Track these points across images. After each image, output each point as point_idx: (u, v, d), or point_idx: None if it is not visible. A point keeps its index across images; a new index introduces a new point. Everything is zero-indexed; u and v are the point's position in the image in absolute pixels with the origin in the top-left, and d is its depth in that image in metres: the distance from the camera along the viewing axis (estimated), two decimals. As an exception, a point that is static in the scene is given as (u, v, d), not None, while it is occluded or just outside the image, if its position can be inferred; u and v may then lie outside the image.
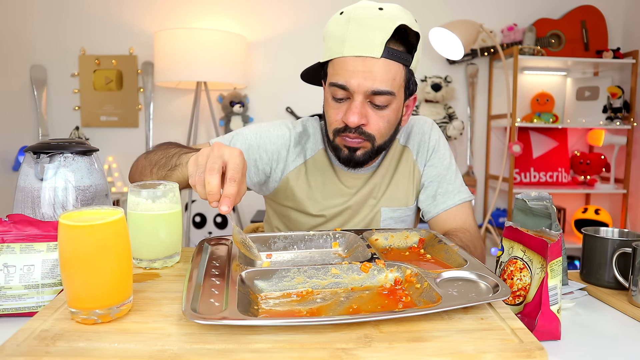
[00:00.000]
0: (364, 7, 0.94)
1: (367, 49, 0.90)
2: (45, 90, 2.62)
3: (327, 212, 1.10)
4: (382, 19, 0.91)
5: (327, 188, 1.10)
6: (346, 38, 0.92)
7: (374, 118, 0.96)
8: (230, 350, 0.50)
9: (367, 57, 0.91)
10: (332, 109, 0.99)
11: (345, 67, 0.93)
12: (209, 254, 0.77)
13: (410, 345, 0.52)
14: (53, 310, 0.60)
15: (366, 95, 0.93)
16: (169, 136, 2.69)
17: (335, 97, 0.97)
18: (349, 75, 0.92)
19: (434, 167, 1.12)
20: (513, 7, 2.72)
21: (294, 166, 1.09)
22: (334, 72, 0.96)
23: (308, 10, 2.66)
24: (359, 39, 0.91)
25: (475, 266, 0.69)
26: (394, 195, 1.11)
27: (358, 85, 0.92)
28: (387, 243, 0.89)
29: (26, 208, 0.84)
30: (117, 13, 2.62)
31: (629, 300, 0.79)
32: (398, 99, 0.97)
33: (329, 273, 0.69)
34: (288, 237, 0.88)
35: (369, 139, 0.98)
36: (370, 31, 0.90)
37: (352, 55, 0.92)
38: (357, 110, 0.93)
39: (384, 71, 0.92)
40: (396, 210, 1.11)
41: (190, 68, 2.27)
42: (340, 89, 0.95)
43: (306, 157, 1.10)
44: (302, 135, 1.12)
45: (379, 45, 0.90)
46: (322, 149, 1.11)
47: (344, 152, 1.00)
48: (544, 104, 2.71)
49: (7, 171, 2.41)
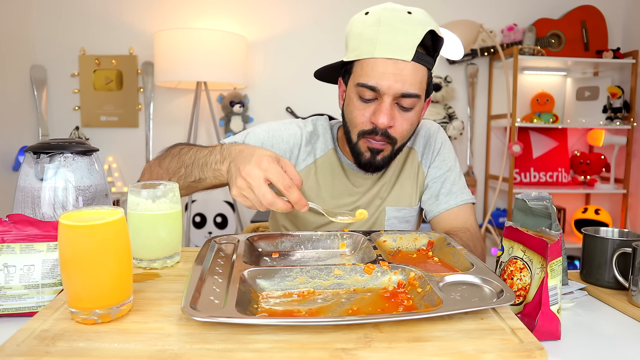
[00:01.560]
0: (394, 9, 0.94)
1: (399, 52, 0.91)
2: (45, 90, 2.62)
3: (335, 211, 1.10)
4: (412, 23, 0.92)
5: (336, 188, 1.11)
6: (378, 39, 0.92)
7: (399, 120, 0.97)
8: (230, 350, 0.50)
9: (399, 60, 0.92)
10: (358, 109, 0.98)
11: (376, 69, 0.93)
12: (215, 252, 0.77)
13: (410, 345, 0.52)
14: (53, 310, 0.60)
15: (395, 97, 0.94)
16: (169, 136, 2.69)
17: (362, 98, 0.97)
18: (380, 76, 0.93)
19: (438, 168, 1.13)
20: (513, 7, 2.72)
21: (304, 165, 1.10)
22: (363, 72, 0.95)
23: (308, 10, 2.66)
24: (391, 42, 0.91)
25: (481, 270, 0.69)
26: (399, 195, 1.12)
27: (389, 87, 0.93)
28: (396, 245, 0.89)
29: (26, 208, 0.84)
30: (117, 13, 2.62)
31: (629, 300, 0.79)
32: (421, 102, 0.98)
33: (331, 274, 0.69)
34: (295, 237, 0.88)
35: (391, 142, 0.99)
36: (401, 34, 0.91)
37: (383, 57, 0.92)
38: (387, 111, 0.94)
39: (413, 74, 0.93)
40: (400, 210, 1.12)
41: (190, 68, 2.27)
42: (369, 90, 0.94)
43: (316, 156, 1.11)
44: (312, 134, 1.12)
45: (410, 49, 0.91)
46: (332, 148, 1.12)
47: (366, 155, 1.00)
48: (544, 104, 2.71)
49: (7, 171, 2.41)
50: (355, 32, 0.97)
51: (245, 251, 0.80)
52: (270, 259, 0.85)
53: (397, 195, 1.12)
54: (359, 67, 0.97)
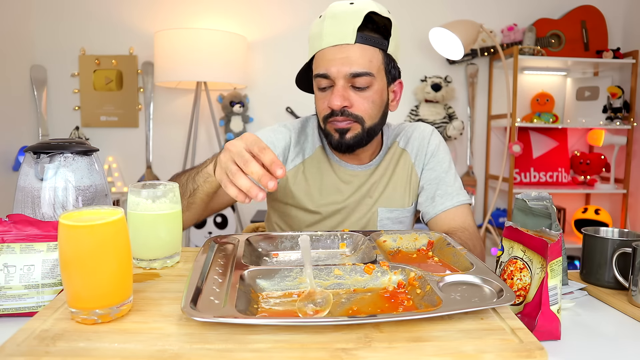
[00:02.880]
0: (337, 4, 1.03)
1: (341, 38, 0.99)
2: (45, 90, 2.62)
3: (324, 209, 1.12)
4: (353, 10, 0.99)
5: (324, 185, 1.13)
6: (323, 33, 1.01)
7: (357, 100, 1.02)
8: (230, 350, 0.50)
9: (343, 45, 0.99)
10: (319, 99, 1.06)
11: (325, 58, 1.01)
12: (215, 252, 0.77)
13: (410, 345, 0.52)
14: (53, 310, 0.60)
15: (346, 79, 1.00)
16: (169, 136, 2.69)
17: (320, 88, 1.04)
18: (328, 63, 1.00)
19: (433, 170, 1.14)
20: (513, 7, 2.72)
21: (293, 165, 1.13)
22: (316, 65, 1.04)
23: (308, 10, 2.66)
24: (334, 31, 1.00)
25: (481, 270, 0.69)
26: (391, 196, 1.13)
27: (337, 71, 1.00)
28: (396, 245, 0.89)
29: (26, 208, 0.84)
30: (117, 13, 2.62)
31: (629, 300, 0.79)
32: (379, 81, 1.03)
33: (331, 274, 0.69)
34: (295, 237, 0.88)
35: (357, 120, 1.03)
36: (343, 22, 0.99)
37: (329, 46, 1.00)
38: (339, 93, 1.00)
39: (359, 55, 0.99)
40: (393, 211, 1.13)
41: (190, 68, 2.27)
42: (323, 79, 1.02)
43: (305, 156, 1.14)
44: (300, 135, 1.17)
45: (351, 33, 0.98)
46: (319, 146, 1.15)
47: (335, 136, 1.05)
48: (544, 104, 2.71)
49: (7, 171, 2.41)
50: (310, 34, 1.07)
51: (245, 251, 0.80)
52: (270, 259, 0.85)
53: (389, 196, 1.13)
54: (314, 62, 1.05)
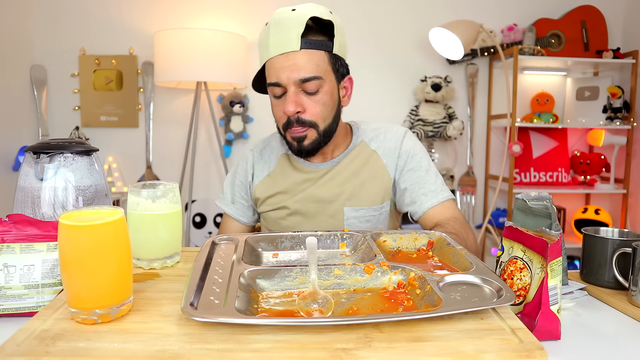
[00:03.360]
0: (280, 12, 1.05)
1: (287, 45, 1.02)
2: (45, 90, 2.62)
3: (293, 206, 1.16)
4: (294, 16, 1.02)
5: (291, 184, 1.17)
6: (269, 42, 1.04)
7: (309, 104, 1.05)
8: (230, 350, 0.50)
9: (289, 52, 1.02)
10: (275, 106, 1.10)
11: (274, 66, 1.04)
12: (215, 253, 0.77)
13: (410, 345, 0.52)
14: (53, 310, 0.60)
15: (297, 84, 1.04)
16: (169, 136, 2.69)
17: (275, 96, 1.08)
18: (278, 72, 1.03)
19: (414, 171, 1.16)
20: (513, 7, 2.72)
21: (258, 180, 1.22)
22: (267, 74, 1.07)
23: (308, 10, 2.66)
24: (279, 39, 1.03)
25: (481, 270, 0.69)
26: (357, 195, 1.15)
27: (287, 78, 1.03)
28: (396, 245, 0.89)
29: (26, 208, 0.84)
30: (117, 13, 2.62)
31: (629, 300, 0.79)
32: (328, 83, 1.07)
33: (331, 274, 0.69)
34: (295, 237, 0.88)
35: (312, 126, 1.07)
36: (286, 30, 1.02)
37: (276, 55, 1.03)
38: (291, 99, 1.04)
39: (305, 60, 1.03)
40: (359, 210, 1.15)
41: (190, 68, 2.27)
42: (275, 87, 1.06)
43: (270, 169, 1.21)
44: (264, 151, 1.24)
45: (295, 40, 1.01)
46: (282, 154, 1.21)
47: (294, 144, 1.10)
48: (544, 104, 2.71)
49: (7, 171, 2.41)
50: (258, 42, 1.10)
51: (245, 251, 0.80)
52: (270, 259, 0.85)
53: (356, 195, 1.15)
54: (266, 71, 1.08)
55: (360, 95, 2.73)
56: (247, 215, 1.25)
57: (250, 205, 1.25)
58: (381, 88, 2.72)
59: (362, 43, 2.68)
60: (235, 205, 1.24)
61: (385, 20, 2.69)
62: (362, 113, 2.69)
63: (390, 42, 2.70)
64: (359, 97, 2.75)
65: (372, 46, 2.69)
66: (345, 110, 1.22)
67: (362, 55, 2.68)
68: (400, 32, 2.70)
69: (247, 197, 1.24)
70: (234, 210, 1.24)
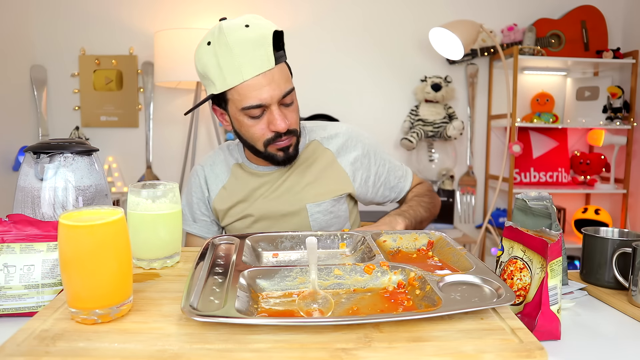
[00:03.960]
0: (232, 29, 1.00)
1: (264, 65, 0.99)
2: (45, 90, 2.62)
3: (257, 212, 1.16)
4: (257, 34, 1.00)
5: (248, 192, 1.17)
6: (240, 64, 0.98)
7: (289, 115, 1.06)
8: (230, 350, 0.50)
9: (267, 71, 1.00)
10: (253, 127, 1.05)
11: (252, 88, 1.00)
12: (214, 253, 0.77)
13: (410, 345, 0.52)
14: (53, 310, 0.60)
15: (278, 101, 1.03)
16: (169, 136, 2.69)
17: (252, 117, 1.04)
18: (259, 93, 1.00)
19: (381, 166, 1.23)
20: (513, 7, 2.72)
21: (215, 195, 1.20)
22: (242, 97, 1.01)
23: (308, 10, 2.66)
24: (252, 60, 0.99)
25: (481, 270, 0.69)
26: (316, 190, 1.16)
27: (271, 97, 1.01)
28: (396, 245, 0.89)
29: (26, 208, 0.84)
30: (117, 13, 2.62)
31: (629, 300, 0.79)
32: (294, 90, 1.09)
33: (331, 274, 0.69)
34: (295, 237, 0.88)
35: (293, 134, 1.09)
36: (256, 49, 0.99)
37: (253, 76, 0.99)
38: (280, 116, 1.03)
39: (281, 75, 1.02)
40: (321, 204, 1.16)
41: (190, 68, 2.27)
42: (255, 109, 1.02)
43: (224, 181, 1.20)
44: (213, 166, 1.22)
45: (269, 57, 1.00)
46: (234, 164, 1.20)
47: (279, 155, 1.09)
48: (544, 104, 2.71)
49: (7, 171, 2.41)
50: (211, 64, 1.02)
51: (245, 251, 0.80)
52: (270, 259, 0.85)
53: (316, 191, 1.16)
54: (235, 94, 1.02)
55: (360, 95, 2.74)
56: (212, 231, 1.23)
57: (212, 220, 1.23)
58: (381, 88, 2.72)
59: (362, 43, 2.68)
60: (197, 223, 1.22)
61: (385, 20, 2.69)
62: (362, 113, 2.69)
63: (390, 42, 2.70)
64: (359, 97, 2.75)
65: (372, 46, 2.69)
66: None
67: (362, 55, 2.68)
68: (400, 32, 2.70)
69: (209, 213, 1.22)
70: (198, 228, 1.22)
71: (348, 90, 2.68)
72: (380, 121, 2.71)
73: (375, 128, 2.66)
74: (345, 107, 2.65)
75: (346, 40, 2.67)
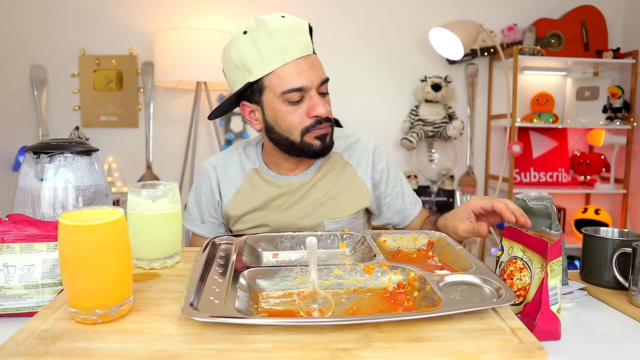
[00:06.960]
0: (270, 19, 1.02)
1: (304, 50, 1.01)
2: (45, 90, 2.62)
3: (274, 223, 1.13)
4: (294, 23, 1.02)
5: (266, 201, 1.14)
6: (282, 47, 0.99)
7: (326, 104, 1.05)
8: (230, 350, 0.50)
9: (307, 56, 1.01)
10: (292, 114, 1.03)
11: (294, 71, 0.99)
12: (215, 253, 0.77)
13: (410, 345, 0.52)
14: (53, 310, 0.60)
15: (317, 88, 1.02)
16: (169, 136, 2.69)
17: (291, 102, 1.02)
18: (301, 76, 1.00)
19: (394, 187, 1.21)
20: (513, 7, 2.72)
21: (227, 198, 1.16)
22: (282, 80, 1.00)
23: (308, 9, 2.66)
24: (293, 44, 0.99)
25: (481, 270, 0.69)
26: (336, 207, 1.14)
27: (312, 82, 1.01)
28: (396, 245, 0.89)
29: (26, 208, 0.84)
30: (117, 13, 2.62)
31: (629, 300, 0.79)
32: None
33: (331, 274, 0.69)
34: (295, 237, 0.88)
35: (331, 123, 1.08)
36: (295, 35, 1.00)
37: (294, 59, 0.99)
38: (321, 101, 1.02)
39: (318, 63, 1.04)
40: (339, 222, 1.14)
41: (190, 68, 2.27)
42: (296, 92, 1.00)
43: (237, 185, 1.16)
44: (226, 167, 1.17)
45: (308, 44, 1.02)
46: (251, 169, 1.16)
47: (316, 144, 1.05)
48: (544, 104, 2.71)
49: (7, 171, 2.41)
50: (248, 51, 1.00)
51: (246, 251, 0.80)
52: (270, 259, 0.85)
53: (335, 208, 1.14)
54: (274, 79, 1.00)
55: (360, 95, 2.73)
56: (219, 233, 1.20)
57: (221, 223, 1.20)
58: (381, 88, 2.72)
59: (362, 43, 2.68)
60: (205, 224, 1.19)
61: (385, 19, 2.69)
62: (362, 113, 2.69)
63: (390, 42, 2.70)
64: (359, 97, 2.75)
65: (372, 46, 2.69)
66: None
67: (362, 55, 2.68)
68: (400, 32, 2.70)
69: (218, 215, 1.19)
70: (205, 229, 1.19)
71: (348, 90, 2.68)
72: (380, 121, 2.71)
73: (375, 128, 2.66)
74: (346, 107, 2.65)
75: (346, 40, 2.67)
